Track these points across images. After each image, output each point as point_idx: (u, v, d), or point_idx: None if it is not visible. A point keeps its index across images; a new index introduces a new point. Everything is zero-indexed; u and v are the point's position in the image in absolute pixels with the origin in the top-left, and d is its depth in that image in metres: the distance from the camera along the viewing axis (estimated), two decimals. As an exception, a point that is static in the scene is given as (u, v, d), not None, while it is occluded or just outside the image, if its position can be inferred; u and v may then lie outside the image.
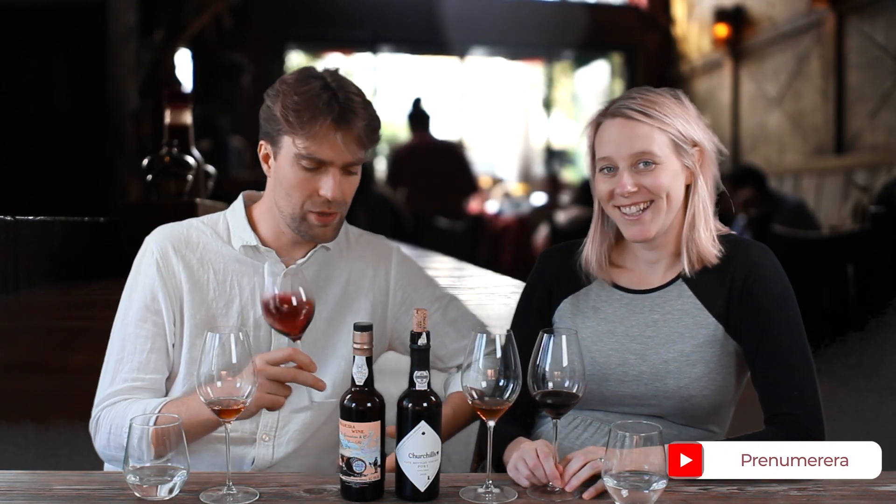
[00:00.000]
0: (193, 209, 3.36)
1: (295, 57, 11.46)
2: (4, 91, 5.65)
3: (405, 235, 7.56)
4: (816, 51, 8.52)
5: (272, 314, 1.54)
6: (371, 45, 11.74)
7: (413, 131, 9.27)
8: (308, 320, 1.55)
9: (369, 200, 7.86)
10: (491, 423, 1.41)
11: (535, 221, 9.45)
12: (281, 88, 1.64)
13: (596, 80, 12.83)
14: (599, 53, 12.51)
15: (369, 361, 1.37)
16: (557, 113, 13.01)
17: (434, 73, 12.41)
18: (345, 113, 1.59)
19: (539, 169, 12.66)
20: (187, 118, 3.64)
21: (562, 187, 10.67)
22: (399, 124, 10.40)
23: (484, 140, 12.84)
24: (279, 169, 1.66)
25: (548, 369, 1.41)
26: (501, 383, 1.39)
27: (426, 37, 11.31)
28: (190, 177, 3.50)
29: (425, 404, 1.37)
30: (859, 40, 7.85)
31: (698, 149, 1.66)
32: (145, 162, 3.56)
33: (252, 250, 1.72)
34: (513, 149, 13.14)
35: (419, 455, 1.36)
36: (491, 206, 10.88)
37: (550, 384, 1.41)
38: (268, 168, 1.70)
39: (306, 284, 1.55)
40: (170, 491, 1.35)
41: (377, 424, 1.36)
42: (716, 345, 1.63)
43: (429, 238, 8.05)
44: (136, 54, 6.75)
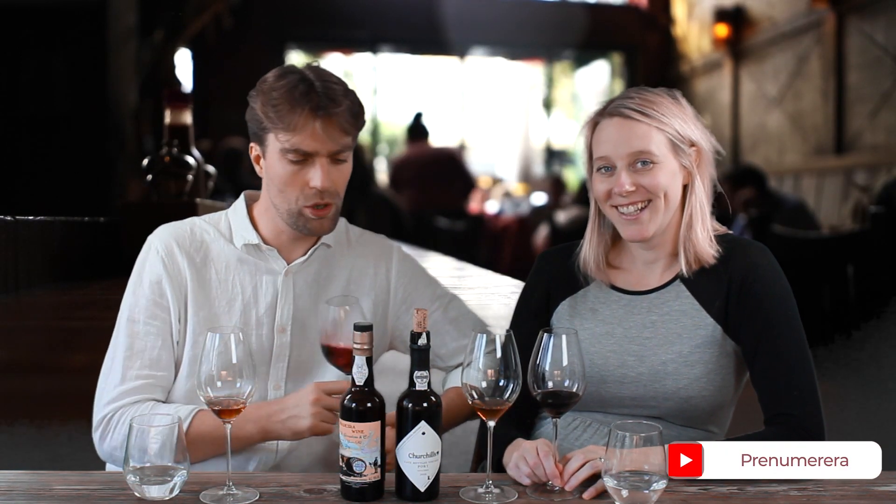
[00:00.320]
0: (193, 209, 3.37)
1: (295, 57, 11.41)
2: (4, 91, 5.65)
3: (405, 235, 7.56)
4: (816, 51, 8.52)
5: (332, 353, 1.58)
6: (371, 45, 11.74)
7: (411, 142, 9.32)
8: None
9: (369, 200, 7.86)
10: (491, 424, 1.41)
11: (535, 221, 9.45)
12: (261, 87, 1.65)
13: (596, 80, 12.84)
14: (599, 53, 12.52)
15: (369, 361, 1.37)
16: (557, 113, 13.02)
17: (434, 73, 12.41)
18: (322, 101, 1.59)
19: (539, 169, 12.66)
20: (187, 118, 3.65)
21: (564, 188, 10.67)
22: (399, 124, 10.40)
23: (484, 140, 12.85)
24: (269, 167, 1.67)
25: (548, 369, 1.41)
26: (501, 383, 1.38)
27: (426, 37, 11.32)
28: (190, 177, 3.51)
29: (425, 404, 1.37)
30: (859, 40, 7.86)
31: (696, 149, 1.66)
32: (145, 162, 3.57)
33: (254, 249, 1.73)
34: (513, 149, 13.13)
35: (419, 455, 1.36)
36: (491, 206, 10.87)
37: (550, 384, 1.41)
38: (260, 169, 1.71)
39: (364, 315, 1.59)
40: (170, 491, 1.35)
41: (377, 424, 1.36)
42: (714, 345, 1.63)
43: (429, 238, 8.05)
44: (136, 54, 6.76)
